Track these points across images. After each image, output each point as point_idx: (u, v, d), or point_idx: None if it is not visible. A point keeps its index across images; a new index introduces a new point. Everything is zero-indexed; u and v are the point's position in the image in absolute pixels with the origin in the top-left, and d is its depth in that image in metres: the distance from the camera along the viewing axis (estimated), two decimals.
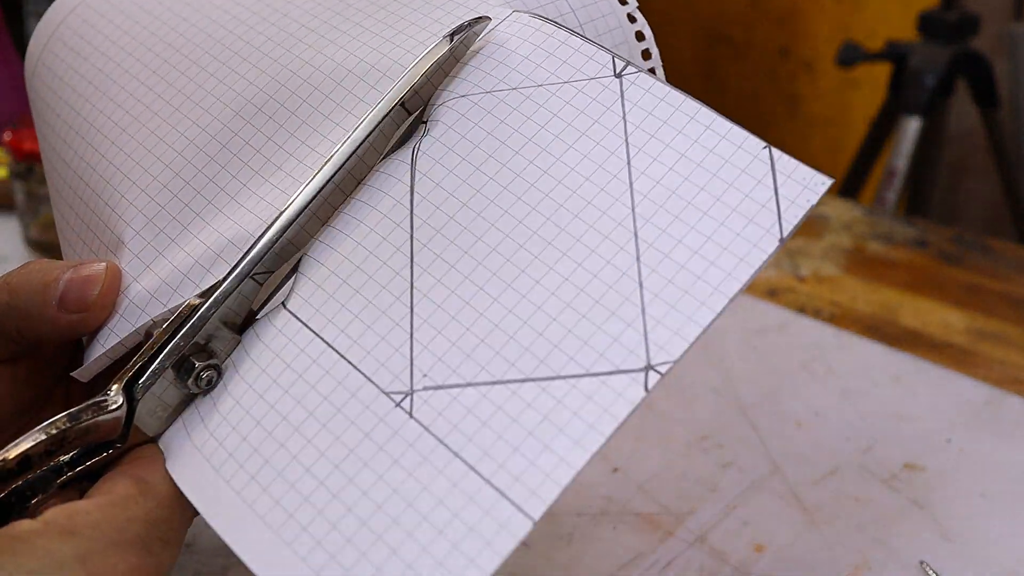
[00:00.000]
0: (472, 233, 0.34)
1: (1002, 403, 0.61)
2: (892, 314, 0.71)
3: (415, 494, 0.30)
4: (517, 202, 0.34)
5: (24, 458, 0.32)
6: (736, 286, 0.31)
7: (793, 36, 1.67)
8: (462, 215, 0.34)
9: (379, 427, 0.32)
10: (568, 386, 0.31)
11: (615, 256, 0.32)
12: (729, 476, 0.54)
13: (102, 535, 0.30)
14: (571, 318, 0.31)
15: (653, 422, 0.59)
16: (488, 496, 0.30)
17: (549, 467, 0.30)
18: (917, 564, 0.49)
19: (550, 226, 0.33)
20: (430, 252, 0.34)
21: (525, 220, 0.33)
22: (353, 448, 0.31)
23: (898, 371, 0.64)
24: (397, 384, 0.32)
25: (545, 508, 0.30)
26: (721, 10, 1.73)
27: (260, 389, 0.33)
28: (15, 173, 0.75)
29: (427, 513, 0.30)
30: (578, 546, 0.50)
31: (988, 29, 1.48)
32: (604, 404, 0.30)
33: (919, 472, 0.55)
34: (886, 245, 0.81)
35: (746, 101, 1.76)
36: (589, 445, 0.30)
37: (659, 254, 0.32)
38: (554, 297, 0.32)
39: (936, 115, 1.37)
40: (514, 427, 0.30)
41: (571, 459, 0.30)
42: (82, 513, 0.30)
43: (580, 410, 0.30)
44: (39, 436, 0.32)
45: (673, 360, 0.30)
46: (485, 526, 0.30)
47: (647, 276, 0.32)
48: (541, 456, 0.30)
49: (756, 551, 0.49)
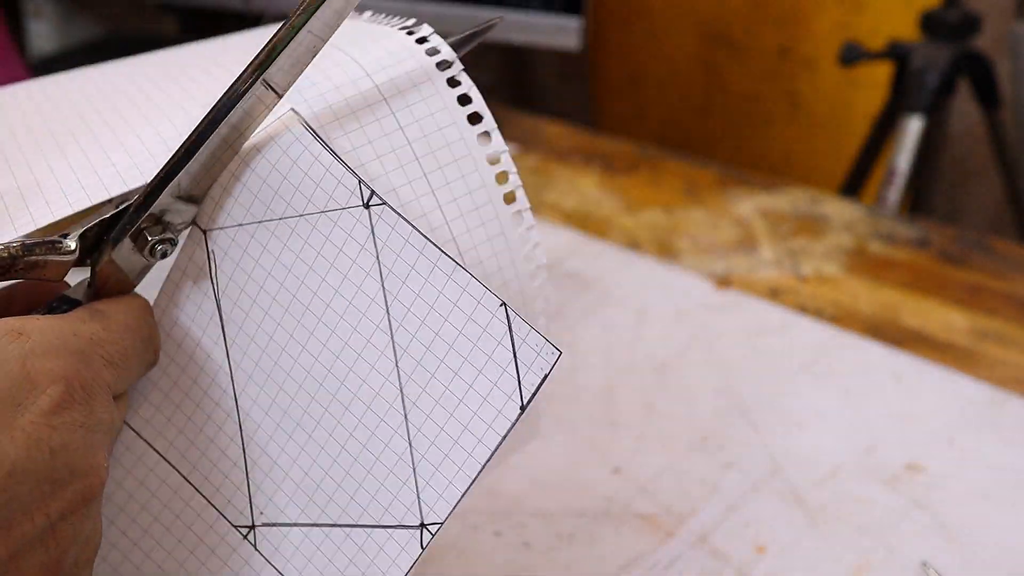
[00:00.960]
0: (274, 381, 0.35)
1: (1004, 403, 0.60)
2: (894, 314, 0.71)
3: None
4: (303, 351, 0.35)
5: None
6: (487, 452, 0.32)
7: (794, 36, 1.67)
8: (264, 361, 0.35)
9: (232, 556, 0.36)
10: (365, 535, 0.34)
11: (387, 413, 0.33)
12: (730, 477, 0.54)
13: (45, 340, 0.31)
14: (360, 472, 0.34)
15: (654, 423, 0.59)
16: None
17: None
18: (919, 565, 0.48)
19: (331, 379, 0.34)
20: (248, 397, 0.36)
21: (311, 370, 0.35)
22: (204, 562, 0.36)
23: (900, 371, 0.64)
24: (242, 519, 0.36)
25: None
26: (721, 10, 1.73)
27: (119, 502, 0.37)
28: None
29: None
30: (579, 547, 0.50)
31: (990, 29, 1.48)
32: (392, 555, 0.33)
33: (921, 473, 0.55)
34: (888, 245, 0.81)
35: (746, 101, 1.76)
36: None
37: (422, 414, 0.33)
38: (344, 451, 0.34)
39: (938, 115, 1.37)
40: (330, 568, 0.34)
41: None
42: (32, 320, 0.32)
43: (376, 558, 0.34)
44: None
45: (441, 521, 0.33)
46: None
47: (414, 436, 0.33)
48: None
49: (757, 552, 0.49)
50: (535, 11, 1.06)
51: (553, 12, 1.06)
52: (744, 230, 0.84)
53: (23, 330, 0.31)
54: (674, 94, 1.83)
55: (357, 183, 0.34)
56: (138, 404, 0.37)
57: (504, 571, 0.48)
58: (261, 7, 1.23)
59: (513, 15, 1.07)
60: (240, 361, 0.36)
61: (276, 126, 0.35)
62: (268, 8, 1.23)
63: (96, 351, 0.32)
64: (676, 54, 1.79)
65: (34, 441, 0.29)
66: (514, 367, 0.32)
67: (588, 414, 0.59)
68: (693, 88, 1.81)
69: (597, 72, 1.89)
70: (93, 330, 0.33)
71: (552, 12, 1.06)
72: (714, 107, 1.80)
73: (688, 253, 0.80)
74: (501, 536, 0.50)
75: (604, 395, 0.61)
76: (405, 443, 0.33)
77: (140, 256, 0.35)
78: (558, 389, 0.61)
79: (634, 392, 0.61)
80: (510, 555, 0.49)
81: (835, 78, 1.63)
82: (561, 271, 0.75)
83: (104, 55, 1.36)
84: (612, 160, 0.98)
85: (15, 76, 0.97)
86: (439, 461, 0.33)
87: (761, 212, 0.87)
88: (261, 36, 0.45)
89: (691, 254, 0.80)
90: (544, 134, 1.01)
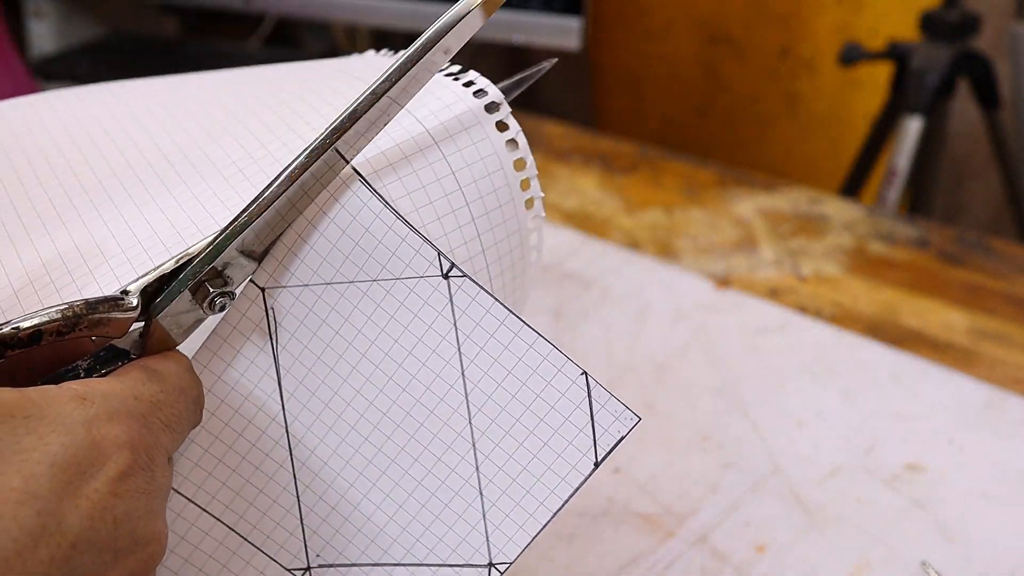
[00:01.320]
0: (337, 433, 0.37)
1: (1004, 403, 0.61)
2: (893, 314, 0.71)
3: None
4: (370, 407, 0.36)
5: (36, 332, 0.33)
6: (558, 502, 0.35)
7: (794, 36, 1.67)
8: (326, 415, 0.37)
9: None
10: (431, 573, 0.36)
11: (458, 465, 0.36)
12: (730, 476, 0.54)
13: (109, 405, 0.31)
14: (427, 518, 0.36)
15: (654, 423, 0.59)
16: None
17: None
18: (918, 564, 0.49)
19: (400, 433, 0.36)
20: (305, 448, 0.37)
21: (379, 425, 0.36)
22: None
23: (899, 371, 0.64)
24: (296, 563, 0.37)
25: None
26: (721, 10, 1.73)
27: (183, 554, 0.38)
28: None
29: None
30: (579, 546, 0.50)
31: (990, 29, 1.48)
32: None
33: (920, 472, 0.55)
34: (887, 245, 0.81)
35: (746, 101, 1.76)
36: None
37: (494, 467, 0.35)
38: (412, 499, 0.36)
39: (937, 115, 1.37)
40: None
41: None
42: (94, 384, 0.32)
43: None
44: (54, 314, 0.33)
45: (510, 561, 0.35)
46: None
47: (485, 486, 0.36)
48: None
49: (757, 551, 0.49)
50: (535, 11, 1.06)
51: (553, 12, 1.06)
52: (744, 230, 0.84)
53: (87, 395, 0.30)
54: (674, 94, 1.83)
55: (436, 255, 0.35)
56: (174, 461, 0.37)
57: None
58: (261, 7, 1.23)
59: (513, 15, 1.07)
60: (298, 414, 0.37)
61: (341, 188, 0.36)
62: (268, 8, 1.23)
63: (156, 415, 0.32)
64: (676, 54, 1.79)
65: (99, 510, 0.29)
66: (591, 428, 0.35)
67: None
68: (693, 88, 1.81)
69: (597, 72, 1.89)
70: (152, 392, 0.33)
71: (552, 12, 1.06)
72: (714, 107, 1.80)
73: (688, 253, 0.80)
74: None
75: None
76: (475, 492, 0.36)
77: (198, 309, 0.36)
78: None
79: (634, 392, 0.61)
80: None
81: (835, 78, 1.64)
82: (561, 271, 0.75)
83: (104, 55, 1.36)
84: (612, 160, 0.98)
85: (15, 76, 0.97)
86: (510, 509, 0.35)
87: (761, 212, 0.87)
88: (319, 77, 0.44)
89: (691, 254, 0.80)
90: (544, 134, 1.01)
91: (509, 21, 1.07)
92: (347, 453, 0.37)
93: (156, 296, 0.35)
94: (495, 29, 1.08)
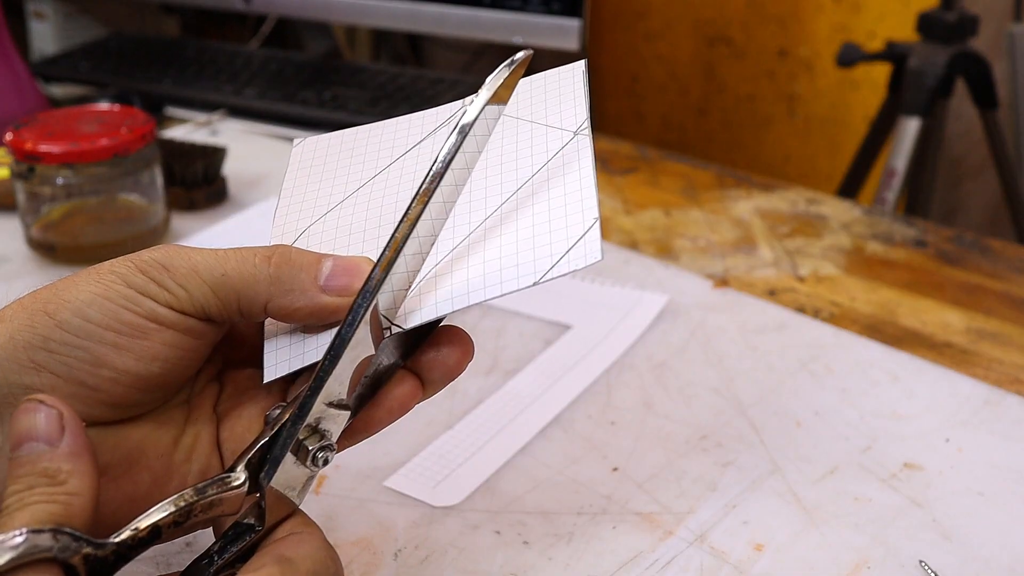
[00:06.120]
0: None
1: (1001, 402, 0.61)
2: (891, 314, 0.71)
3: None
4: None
5: (154, 528, 0.35)
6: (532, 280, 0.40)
7: (792, 36, 1.67)
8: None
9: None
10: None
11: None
12: (729, 475, 0.55)
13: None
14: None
15: (653, 422, 0.59)
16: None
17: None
18: (916, 563, 0.49)
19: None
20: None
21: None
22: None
23: (897, 371, 0.64)
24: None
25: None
26: (721, 10, 1.73)
27: None
28: (16, 173, 0.75)
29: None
30: (578, 545, 0.50)
31: (987, 30, 1.48)
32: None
33: (918, 471, 0.55)
34: (885, 245, 0.82)
35: (746, 101, 1.76)
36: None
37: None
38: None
39: (935, 115, 1.38)
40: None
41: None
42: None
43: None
44: (168, 508, 0.35)
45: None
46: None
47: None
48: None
49: (756, 550, 0.50)
50: (535, 12, 1.07)
51: (552, 13, 1.06)
52: (742, 230, 0.84)
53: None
54: (673, 95, 1.83)
55: (586, 118, 0.45)
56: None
57: (504, 570, 0.49)
58: (261, 7, 1.23)
59: (512, 16, 1.07)
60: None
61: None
62: (269, 9, 1.24)
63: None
64: (675, 55, 1.79)
65: None
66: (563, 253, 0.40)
67: (587, 413, 0.60)
68: (692, 89, 1.81)
69: (596, 73, 1.89)
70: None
71: (551, 13, 1.06)
72: (713, 108, 1.80)
73: (687, 253, 0.80)
74: (500, 535, 0.51)
75: (603, 394, 0.61)
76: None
77: (304, 468, 0.38)
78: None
79: (633, 391, 0.62)
80: (509, 553, 0.49)
81: (833, 79, 1.64)
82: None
83: (105, 56, 1.36)
84: (611, 161, 0.98)
85: (16, 76, 0.97)
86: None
87: (759, 212, 0.87)
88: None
89: (690, 254, 0.80)
90: None
91: (508, 22, 1.08)
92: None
93: (261, 467, 0.37)
94: (495, 30, 1.08)
